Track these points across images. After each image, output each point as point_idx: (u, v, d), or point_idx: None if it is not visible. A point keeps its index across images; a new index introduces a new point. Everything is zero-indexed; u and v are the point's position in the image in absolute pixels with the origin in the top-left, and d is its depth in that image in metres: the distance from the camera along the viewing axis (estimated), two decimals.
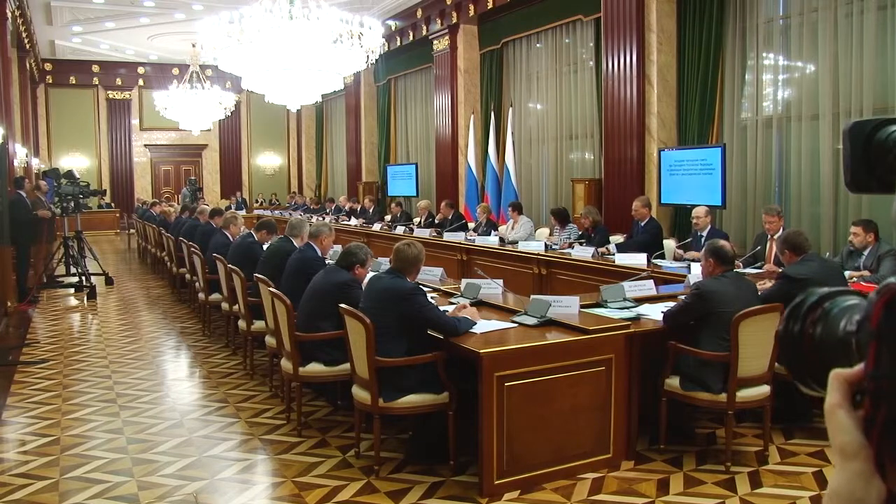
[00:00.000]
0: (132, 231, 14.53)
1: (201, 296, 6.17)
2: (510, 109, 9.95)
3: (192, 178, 17.09)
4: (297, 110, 17.72)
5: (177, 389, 4.64)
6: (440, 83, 11.52)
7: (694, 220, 5.57)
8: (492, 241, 7.28)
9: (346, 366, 3.49)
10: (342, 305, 3.28)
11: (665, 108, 7.54)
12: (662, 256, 5.57)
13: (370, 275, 3.91)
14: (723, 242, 3.40)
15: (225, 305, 5.48)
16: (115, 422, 3.97)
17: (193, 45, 12.87)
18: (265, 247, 5.41)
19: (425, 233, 8.19)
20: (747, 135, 7.05)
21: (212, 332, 6.17)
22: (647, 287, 4.08)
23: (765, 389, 3.25)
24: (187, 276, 7.30)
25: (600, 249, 5.94)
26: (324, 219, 10.92)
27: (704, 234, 5.44)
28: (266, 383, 4.60)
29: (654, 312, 3.58)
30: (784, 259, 3.63)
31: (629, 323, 3.32)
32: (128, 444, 3.63)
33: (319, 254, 4.35)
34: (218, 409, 4.15)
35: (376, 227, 9.64)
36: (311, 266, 4.14)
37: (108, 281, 9.23)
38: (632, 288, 3.95)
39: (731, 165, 6.88)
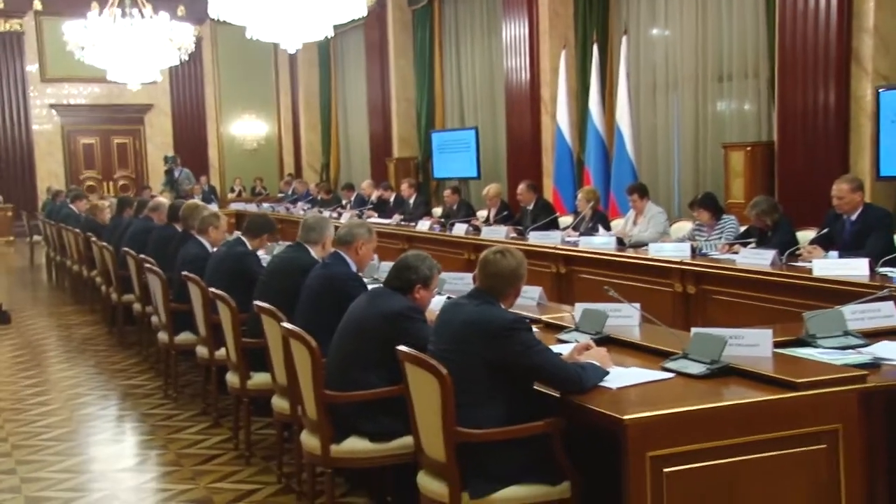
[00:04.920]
0: (37, 238, 14.71)
1: (162, 336, 6.21)
2: (624, 39, 9.83)
3: (173, 155, 16.43)
4: (294, 53, 17.95)
5: (130, 485, 4.61)
6: (512, 3, 11.49)
7: None
8: (601, 242, 7.15)
9: (405, 441, 3.46)
10: (401, 348, 3.23)
11: (889, 19, 7.35)
12: (895, 262, 5.33)
13: (438, 299, 3.85)
14: None
15: (202, 350, 5.49)
16: None
17: None
18: (265, 259, 5.43)
19: (500, 233, 8.10)
20: None
21: (179, 392, 6.21)
22: (886, 313, 3.89)
23: None
24: (136, 306, 7.35)
25: (801, 254, 5.75)
26: (339, 216, 10.98)
27: None
28: (272, 469, 4.58)
29: None
30: None
31: (865, 373, 3.14)
32: None
33: (355, 269, 4.31)
34: None
35: (423, 225, 9.61)
36: (344, 288, 4.09)
37: (3, 317, 9.26)
38: (858, 315, 3.78)
39: None
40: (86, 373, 7.14)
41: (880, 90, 7.17)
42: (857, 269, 5.05)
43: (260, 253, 5.82)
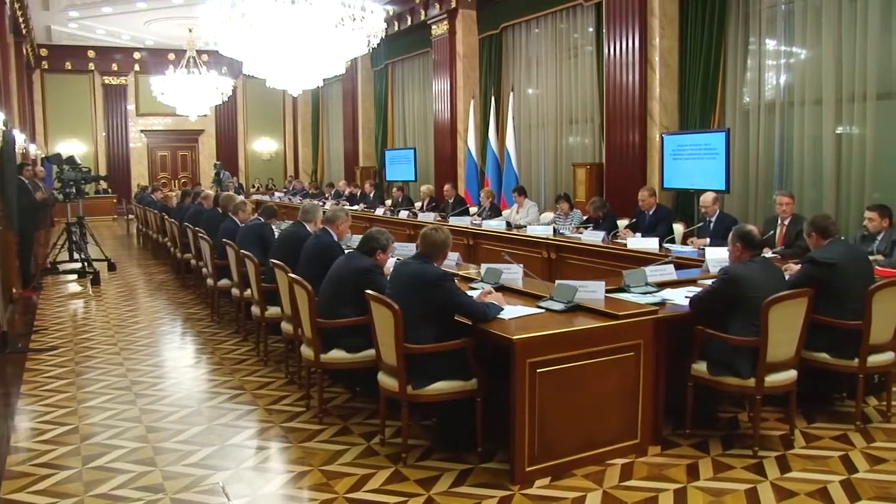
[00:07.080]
0: (131, 216, 14.31)
1: (209, 281, 6.00)
2: (511, 94, 9.76)
3: (220, 162, 16.36)
4: (296, 95, 17.39)
5: (191, 376, 4.50)
6: (439, 68, 11.31)
7: (703, 208, 5.44)
8: (496, 224, 7.13)
9: (369, 352, 3.39)
10: (368, 291, 3.16)
11: (667, 93, 7.42)
12: (673, 241, 5.47)
13: (392, 260, 3.79)
14: (750, 227, 3.31)
15: (235, 291, 5.33)
16: (132, 410, 3.84)
17: (190, 31, 12.68)
18: (276, 232, 5.27)
19: (430, 217, 8.04)
20: (749, 120, 6.96)
21: (220, 317, 6.02)
22: (669, 272, 3.98)
23: (792, 374, 3.17)
24: (192, 261, 7.13)
25: (619, 234, 5.84)
26: (324, 204, 10.71)
27: (713, 219, 5.33)
28: (281, 370, 4.48)
29: (677, 297, 3.49)
30: (810, 242, 3.54)
31: (657, 308, 3.22)
32: (147, 432, 3.51)
33: (336, 239, 4.20)
34: (235, 397, 4.02)
35: (379, 211, 9.45)
36: (329, 251, 3.99)
37: (111, 267, 9.04)
38: (653, 273, 3.85)
39: (733, 150, 6.78)
40: (162, 303, 6.87)
41: (664, 135, 7.22)
42: (652, 245, 5.16)
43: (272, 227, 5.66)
